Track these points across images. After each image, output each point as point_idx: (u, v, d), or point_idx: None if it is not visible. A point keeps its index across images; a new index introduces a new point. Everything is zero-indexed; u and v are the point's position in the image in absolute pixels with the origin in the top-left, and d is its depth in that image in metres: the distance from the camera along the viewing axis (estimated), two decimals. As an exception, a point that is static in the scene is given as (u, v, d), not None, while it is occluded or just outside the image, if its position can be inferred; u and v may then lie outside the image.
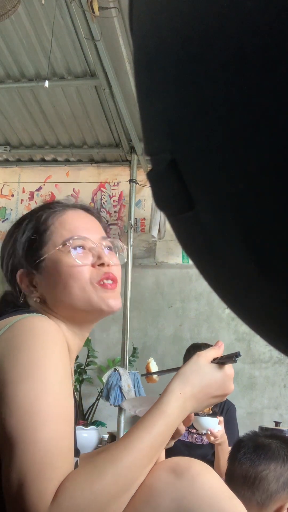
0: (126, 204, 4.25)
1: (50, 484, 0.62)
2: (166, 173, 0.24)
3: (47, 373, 0.70)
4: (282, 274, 0.21)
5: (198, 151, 0.22)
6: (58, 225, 0.91)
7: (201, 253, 0.26)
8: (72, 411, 0.72)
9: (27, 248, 0.91)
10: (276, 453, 1.12)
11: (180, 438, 2.48)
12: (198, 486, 0.72)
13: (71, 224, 0.92)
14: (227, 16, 0.19)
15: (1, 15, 2.23)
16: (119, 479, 0.67)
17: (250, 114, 0.19)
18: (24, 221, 0.95)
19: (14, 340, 0.74)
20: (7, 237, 0.96)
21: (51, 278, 0.88)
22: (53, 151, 4.26)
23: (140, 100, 0.27)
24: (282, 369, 3.75)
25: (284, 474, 1.09)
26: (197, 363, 0.83)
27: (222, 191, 0.22)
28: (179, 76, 0.22)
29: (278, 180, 0.19)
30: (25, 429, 0.65)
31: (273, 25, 0.18)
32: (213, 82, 0.20)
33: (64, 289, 0.87)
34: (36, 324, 0.77)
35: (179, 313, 3.97)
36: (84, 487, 0.63)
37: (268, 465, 1.10)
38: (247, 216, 0.21)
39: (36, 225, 0.92)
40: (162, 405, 0.77)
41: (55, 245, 0.89)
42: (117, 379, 3.22)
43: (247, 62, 0.19)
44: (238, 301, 0.27)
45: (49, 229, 0.91)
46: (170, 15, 0.22)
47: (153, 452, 0.73)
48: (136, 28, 0.26)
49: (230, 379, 0.84)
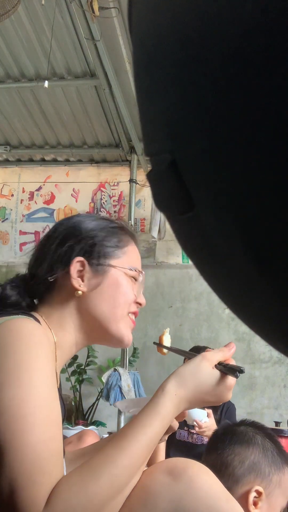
0: (126, 204, 4.25)
1: (42, 488, 0.61)
2: (166, 173, 0.24)
3: (33, 376, 0.69)
4: (282, 274, 0.21)
5: (198, 151, 0.22)
6: (132, 250, 0.97)
7: (201, 253, 0.26)
8: (59, 413, 0.71)
9: (104, 241, 0.93)
10: (241, 437, 1.08)
11: (180, 438, 2.48)
12: (196, 488, 0.71)
13: (138, 256, 0.99)
14: (227, 16, 0.19)
15: (1, 15, 2.23)
16: (115, 480, 0.66)
17: (250, 114, 0.19)
18: (108, 221, 0.97)
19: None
20: (89, 216, 0.96)
21: (106, 287, 0.90)
22: (53, 151, 4.26)
23: (140, 100, 0.27)
24: (282, 369, 3.75)
25: (249, 457, 1.04)
26: (198, 366, 0.80)
27: (222, 192, 0.22)
28: (179, 76, 0.22)
29: (278, 180, 0.19)
30: (13, 433, 0.63)
31: (273, 25, 0.18)
32: (213, 82, 0.20)
33: (110, 302, 0.90)
34: (21, 327, 0.75)
35: (179, 313, 3.97)
36: (78, 490, 0.62)
37: (232, 450, 1.06)
38: (247, 216, 0.21)
39: (119, 233, 0.96)
40: (158, 406, 0.76)
41: (124, 264, 0.93)
42: (117, 379, 3.22)
43: (247, 62, 0.19)
44: (238, 301, 0.27)
45: (126, 247, 0.96)
46: (170, 15, 0.22)
47: (148, 453, 0.72)
48: (135, 28, 0.26)
49: (229, 390, 0.82)
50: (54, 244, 0.92)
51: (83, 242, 0.91)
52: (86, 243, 0.91)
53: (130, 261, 0.95)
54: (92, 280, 0.90)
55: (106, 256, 0.91)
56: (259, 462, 1.05)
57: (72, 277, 0.89)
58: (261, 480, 1.03)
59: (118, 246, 0.94)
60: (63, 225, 0.95)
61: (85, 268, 0.90)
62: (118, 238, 0.94)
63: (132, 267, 0.94)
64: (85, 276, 0.90)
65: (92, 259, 0.90)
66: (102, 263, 0.91)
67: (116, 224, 0.97)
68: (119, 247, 0.94)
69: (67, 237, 0.92)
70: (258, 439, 1.09)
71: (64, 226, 0.94)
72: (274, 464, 1.06)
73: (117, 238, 0.94)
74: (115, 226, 0.96)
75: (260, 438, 1.09)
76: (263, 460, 1.05)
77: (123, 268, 0.92)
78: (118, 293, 0.91)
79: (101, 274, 0.90)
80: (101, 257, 0.91)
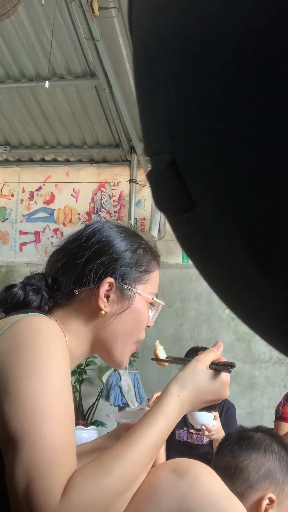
0: (126, 204, 4.25)
1: (58, 479, 0.63)
2: (166, 173, 0.24)
3: (51, 370, 0.71)
4: (282, 274, 0.21)
5: (198, 151, 0.22)
6: (156, 275, 0.98)
7: (201, 253, 0.26)
8: (72, 409, 0.73)
9: (135, 266, 0.93)
10: (258, 443, 1.10)
11: (180, 439, 2.49)
12: (199, 486, 0.74)
13: (158, 279, 1.00)
14: (227, 15, 0.19)
15: (1, 15, 2.23)
16: (125, 475, 0.68)
17: (250, 114, 0.19)
18: (139, 239, 0.97)
19: (17, 338, 0.74)
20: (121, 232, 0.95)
21: (128, 313, 0.92)
22: (53, 151, 4.26)
23: (140, 100, 0.27)
24: (282, 369, 3.75)
25: (265, 464, 1.06)
26: (195, 369, 0.85)
27: (222, 191, 0.22)
28: (179, 76, 0.22)
29: (278, 180, 0.19)
30: (31, 426, 0.65)
31: (273, 25, 0.18)
32: (213, 82, 0.20)
33: (126, 329, 0.92)
34: (39, 323, 0.78)
35: (179, 313, 3.97)
36: (92, 482, 0.64)
37: (249, 455, 1.07)
38: (247, 216, 0.21)
39: (148, 257, 0.96)
40: (163, 406, 0.79)
41: (148, 289, 0.95)
42: (117, 379, 3.22)
43: (247, 62, 0.19)
44: (238, 301, 0.27)
45: (153, 272, 0.97)
46: (170, 15, 0.22)
47: (155, 450, 0.75)
48: (135, 28, 0.26)
49: (226, 386, 0.87)
50: (85, 257, 0.90)
51: (116, 263, 0.91)
52: (119, 265, 0.91)
53: (153, 287, 0.97)
54: (116, 303, 0.91)
55: (135, 281, 0.93)
56: (274, 470, 1.06)
57: (99, 298, 0.89)
58: (274, 488, 1.05)
59: (147, 271, 0.95)
60: (95, 236, 0.93)
61: (112, 289, 0.91)
62: (147, 264, 0.96)
63: (153, 293, 0.96)
64: (110, 297, 0.91)
65: (121, 283, 0.91)
66: (130, 288, 0.92)
67: (146, 246, 0.97)
68: (147, 272, 0.95)
69: (99, 253, 0.91)
70: (275, 448, 1.10)
71: (96, 238, 0.92)
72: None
73: (146, 263, 0.95)
74: (145, 248, 0.96)
75: (277, 446, 1.11)
76: (278, 469, 1.07)
77: (147, 296, 0.94)
78: (136, 321, 0.93)
79: (126, 299, 0.92)
80: (130, 282, 0.92)
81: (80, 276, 0.90)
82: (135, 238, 0.97)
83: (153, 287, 0.97)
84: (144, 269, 0.95)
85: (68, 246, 0.94)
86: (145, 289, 0.94)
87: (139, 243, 0.96)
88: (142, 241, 0.97)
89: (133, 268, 0.93)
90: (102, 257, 0.90)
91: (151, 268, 0.96)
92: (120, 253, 0.92)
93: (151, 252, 0.98)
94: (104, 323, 0.91)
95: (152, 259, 0.97)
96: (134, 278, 0.93)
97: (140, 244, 0.96)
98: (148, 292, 0.95)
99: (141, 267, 0.94)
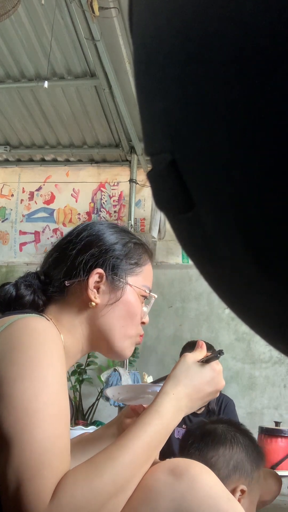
0: (126, 204, 4.25)
1: (48, 482, 0.63)
2: (166, 173, 0.24)
3: (45, 372, 0.70)
4: (281, 274, 0.21)
5: (198, 151, 0.22)
6: (148, 269, 0.98)
7: (201, 253, 0.26)
8: (68, 411, 0.73)
9: (125, 258, 0.93)
10: (223, 436, 1.09)
11: (179, 437, 2.49)
12: (197, 487, 0.72)
13: (152, 275, 0.99)
14: (228, 16, 0.19)
15: (1, 15, 2.23)
16: (117, 477, 0.67)
17: (251, 115, 0.19)
18: (129, 235, 0.97)
19: (12, 339, 0.74)
20: (112, 227, 0.96)
21: (120, 304, 0.91)
22: (53, 151, 4.26)
23: (140, 100, 0.27)
24: (282, 369, 3.75)
25: (233, 457, 1.06)
26: (185, 364, 0.85)
27: (222, 191, 0.22)
28: (179, 76, 0.22)
29: (278, 180, 0.19)
30: (23, 427, 0.65)
31: (273, 25, 0.18)
32: (213, 83, 0.20)
33: (120, 320, 0.91)
34: (35, 324, 0.77)
35: (179, 313, 3.97)
36: (83, 484, 0.64)
37: (216, 451, 1.07)
38: (247, 216, 0.21)
39: (139, 250, 0.96)
40: (156, 405, 0.79)
41: (140, 282, 0.95)
42: (117, 379, 3.22)
43: (248, 63, 0.19)
44: (238, 301, 0.27)
45: (144, 266, 0.96)
46: (170, 15, 0.22)
47: (150, 451, 0.74)
48: (136, 28, 0.26)
49: (219, 374, 0.87)
50: (75, 250, 0.91)
51: (106, 254, 0.91)
52: (108, 256, 0.91)
53: (145, 280, 0.96)
54: (107, 294, 0.91)
55: (125, 273, 0.93)
56: (242, 461, 1.07)
57: (89, 288, 0.89)
58: (244, 478, 1.06)
59: (138, 264, 0.95)
60: (85, 231, 0.94)
61: (102, 281, 0.90)
62: (139, 256, 0.96)
63: (146, 287, 0.96)
64: (100, 288, 0.90)
65: (111, 274, 0.91)
66: (121, 279, 0.92)
67: (137, 240, 0.98)
68: (138, 265, 0.95)
69: (89, 245, 0.92)
70: (239, 438, 1.10)
71: (87, 233, 0.93)
72: (255, 461, 1.09)
73: (137, 256, 0.95)
74: (136, 242, 0.97)
75: (241, 436, 1.11)
76: (246, 458, 1.08)
77: (139, 288, 0.94)
78: (128, 313, 0.92)
79: (117, 289, 0.91)
80: (121, 273, 0.92)
81: (70, 267, 0.90)
82: (126, 233, 0.98)
83: (146, 281, 0.96)
84: (135, 262, 0.94)
85: (60, 242, 0.96)
86: (136, 282, 0.94)
87: (130, 237, 0.97)
88: (133, 236, 0.98)
89: (124, 260, 0.93)
90: (92, 249, 0.91)
91: (143, 262, 0.96)
92: (110, 245, 0.92)
93: (143, 247, 0.98)
94: (96, 314, 0.90)
95: (144, 253, 0.97)
96: (124, 269, 0.92)
97: (131, 238, 0.97)
98: (139, 284, 0.94)
99: (132, 259, 0.94)
